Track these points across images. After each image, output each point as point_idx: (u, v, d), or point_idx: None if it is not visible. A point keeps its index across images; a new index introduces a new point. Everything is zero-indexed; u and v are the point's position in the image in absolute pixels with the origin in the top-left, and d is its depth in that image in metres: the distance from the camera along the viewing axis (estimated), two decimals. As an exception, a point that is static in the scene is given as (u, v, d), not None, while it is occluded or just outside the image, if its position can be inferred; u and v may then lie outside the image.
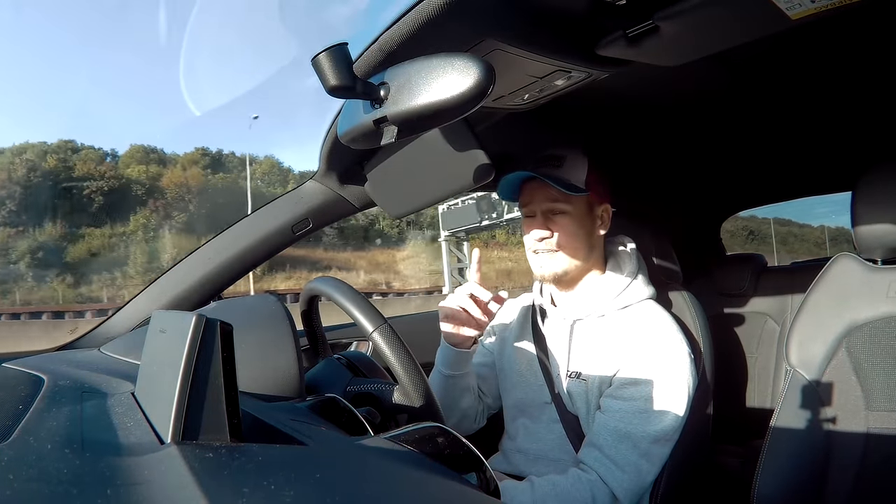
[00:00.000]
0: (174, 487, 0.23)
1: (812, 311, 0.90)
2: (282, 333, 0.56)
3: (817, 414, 0.85)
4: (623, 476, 0.81)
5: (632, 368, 0.86)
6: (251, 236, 0.97)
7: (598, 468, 0.82)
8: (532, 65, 0.60)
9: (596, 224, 0.95)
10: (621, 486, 0.81)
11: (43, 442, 0.29)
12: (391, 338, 0.59)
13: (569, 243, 0.91)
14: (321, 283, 0.68)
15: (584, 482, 0.81)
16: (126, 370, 0.54)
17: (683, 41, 0.58)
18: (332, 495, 0.23)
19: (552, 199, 0.91)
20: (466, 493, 0.32)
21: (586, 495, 0.80)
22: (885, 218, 0.83)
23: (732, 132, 1.14)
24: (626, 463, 0.81)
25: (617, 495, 0.81)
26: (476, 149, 0.68)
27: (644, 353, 0.86)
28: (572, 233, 0.91)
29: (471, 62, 0.45)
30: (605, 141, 1.13)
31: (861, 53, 0.80)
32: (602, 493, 0.80)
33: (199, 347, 0.30)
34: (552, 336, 0.98)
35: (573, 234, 0.91)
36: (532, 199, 0.93)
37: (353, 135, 0.54)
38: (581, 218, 0.92)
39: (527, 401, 0.97)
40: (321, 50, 0.45)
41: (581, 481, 0.81)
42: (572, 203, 0.91)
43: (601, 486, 0.81)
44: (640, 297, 0.94)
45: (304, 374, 0.56)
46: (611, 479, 0.81)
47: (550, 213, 0.91)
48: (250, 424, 0.37)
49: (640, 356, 0.86)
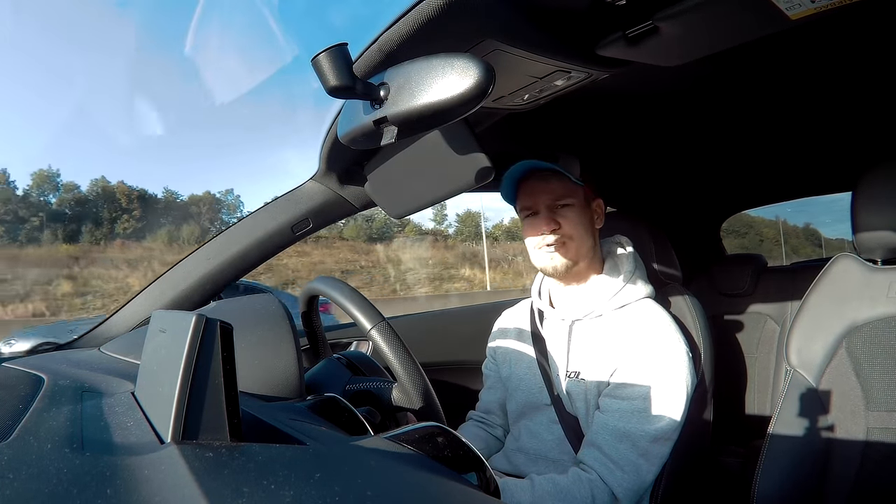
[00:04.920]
0: (174, 487, 0.23)
1: (812, 312, 0.90)
2: (282, 333, 0.56)
3: (817, 414, 0.85)
4: (623, 475, 0.81)
5: (630, 367, 0.86)
6: (251, 236, 0.97)
7: (598, 468, 0.82)
8: (532, 65, 0.60)
9: (593, 218, 0.97)
10: (621, 486, 0.81)
11: (43, 441, 0.29)
12: (389, 335, 0.59)
13: (577, 233, 0.93)
14: (320, 283, 0.69)
15: (584, 481, 0.81)
16: (126, 370, 0.54)
17: (683, 41, 0.58)
18: (332, 495, 0.23)
19: (556, 193, 0.93)
20: (466, 493, 0.32)
21: (586, 494, 0.80)
22: (885, 218, 0.83)
23: (732, 132, 1.14)
24: (626, 462, 0.82)
25: (617, 495, 0.81)
26: (476, 149, 0.68)
27: (641, 352, 0.86)
28: (579, 223, 0.93)
29: (471, 62, 0.45)
30: (604, 141, 1.13)
31: (861, 53, 0.80)
32: (602, 492, 0.81)
33: (199, 347, 0.30)
34: (551, 337, 0.98)
35: (579, 224, 0.93)
36: (534, 198, 0.94)
37: (353, 135, 0.54)
38: (583, 209, 0.94)
39: (528, 403, 0.98)
40: (321, 50, 0.45)
41: (581, 480, 0.81)
42: (575, 195, 0.93)
43: (601, 485, 0.81)
44: (638, 297, 0.94)
45: (303, 374, 0.56)
46: (610, 479, 0.81)
47: (556, 208, 0.93)
48: (250, 424, 0.37)
49: (638, 355, 0.86)
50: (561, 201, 0.93)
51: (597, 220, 0.98)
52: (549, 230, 0.92)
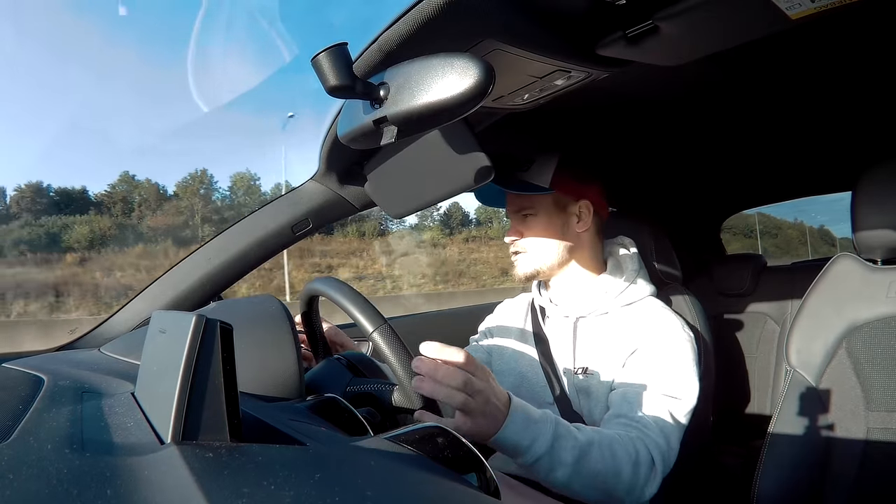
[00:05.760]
0: (174, 487, 0.23)
1: (812, 312, 0.90)
2: (282, 333, 0.56)
3: (817, 414, 0.85)
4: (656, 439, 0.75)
5: (639, 359, 0.86)
6: (251, 236, 0.97)
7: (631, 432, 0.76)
8: (532, 65, 0.60)
9: (571, 221, 0.95)
10: (658, 449, 0.75)
11: (43, 442, 0.29)
12: (391, 338, 0.59)
13: (538, 242, 0.95)
14: (321, 284, 0.68)
15: (625, 438, 0.74)
16: (126, 370, 0.54)
17: (683, 41, 0.58)
18: (332, 495, 0.23)
19: (518, 204, 0.96)
20: (466, 494, 0.32)
21: (631, 450, 0.73)
22: (885, 218, 0.83)
23: (732, 132, 1.14)
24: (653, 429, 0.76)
25: (654, 458, 0.75)
26: (476, 149, 0.68)
27: (652, 344, 0.86)
28: (541, 232, 0.94)
29: (470, 62, 0.45)
30: (604, 141, 1.13)
31: (861, 53, 0.80)
32: (644, 450, 0.74)
33: (199, 347, 0.30)
34: (555, 335, 0.98)
35: (542, 234, 0.94)
36: (507, 205, 0.99)
37: (352, 135, 0.54)
38: (549, 217, 0.94)
39: (528, 401, 0.97)
40: (321, 50, 0.45)
41: (623, 436, 0.74)
42: (536, 205, 0.94)
43: (642, 445, 0.74)
44: (643, 295, 0.94)
45: (303, 374, 0.56)
46: (647, 440, 0.75)
47: (521, 217, 0.96)
48: (250, 424, 0.37)
49: (648, 347, 0.86)
50: (523, 211, 0.95)
51: (578, 224, 0.95)
52: (510, 238, 0.96)
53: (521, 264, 0.96)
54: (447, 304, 14.79)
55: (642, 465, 0.73)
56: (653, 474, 0.74)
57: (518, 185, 0.93)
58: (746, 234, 32.30)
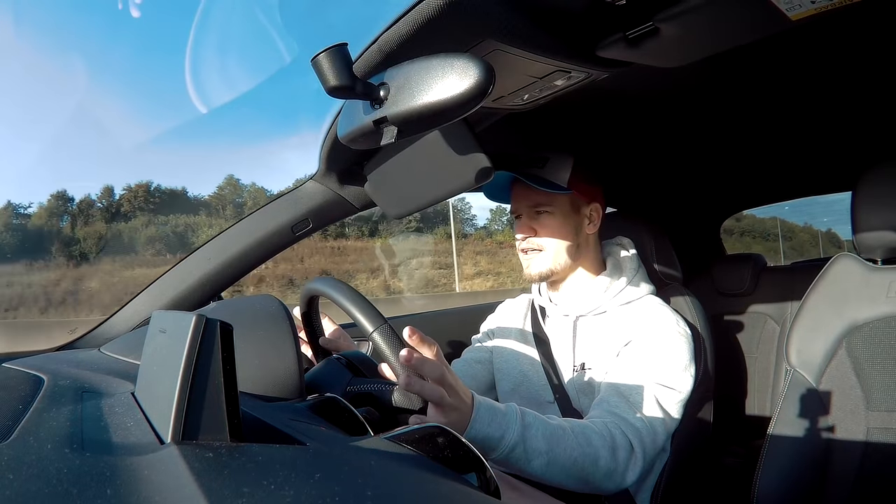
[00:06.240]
0: (174, 487, 0.23)
1: (812, 312, 0.90)
2: (282, 333, 0.56)
3: (817, 414, 0.85)
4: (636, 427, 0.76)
5: (632, 349, 0.86)
6: (251, 237, 0.97)
7: (610, 418, 0.77)
8: (532, 65, 0.60)
9: (583, 223, 0.96)
10: (637, 436, 0.76)
11: (43, 442, 0.29)
12: (391, 338, 0.59)
13: (553, 242, 0.93)
14: (320, 283, 0.68)
15: (599, 424, 0.74)
16: (126, 370, 0.54)
17: (683, 42, 0.58)
18: (332, 495, 0.23)
19: (535, 200, 0.94)
20: (466, 494, 0.32)
21: (605, 434, 0.73)
22: (885, 218, 0.83)
23: (732, 132, 1.14)
24: (636, 418, 0.77)
25: (633, 445, 0.75)
26: (476, 149, 0.68)
27: (644, 336, 0.87)
28: (556, 232, 0.93)
29: (470, 62, 0.45)
30: (604, 141, 1.13)
31: (861, 53, 0.80)
32: (621, 436, 0.75)
33: (199, 347, 0.30)
34: (555, 334, 0.98)
35: (557, 233, 0.93)
36: (517, 202, 0.96)
37: (352, 135, 0.54)
38: (565, 217, 0.94)
39: (529, 401, 0.97)
40: (321, 50, 0.45)
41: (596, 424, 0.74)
42: (555, 203, 0.93)
43: (619, 431, 0.75)
44: (642, 294, 0.94)
45: (303, 374, 0.56)
46: (625, 428, 0.76)
47: (535, 214, 0.94)
48: (250, 424, 0.37)
49: (641, 338, 0.87)
50: (539, 208, 0.93)
51: (589, 226, 0.96)
52: (525, 235, 0.94)
53: (536, 263, 0.94)
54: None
55: (619, 449, 0.73)
56: (632, 459, 0.75)
57: (538, 181, 0.91)
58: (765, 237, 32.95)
